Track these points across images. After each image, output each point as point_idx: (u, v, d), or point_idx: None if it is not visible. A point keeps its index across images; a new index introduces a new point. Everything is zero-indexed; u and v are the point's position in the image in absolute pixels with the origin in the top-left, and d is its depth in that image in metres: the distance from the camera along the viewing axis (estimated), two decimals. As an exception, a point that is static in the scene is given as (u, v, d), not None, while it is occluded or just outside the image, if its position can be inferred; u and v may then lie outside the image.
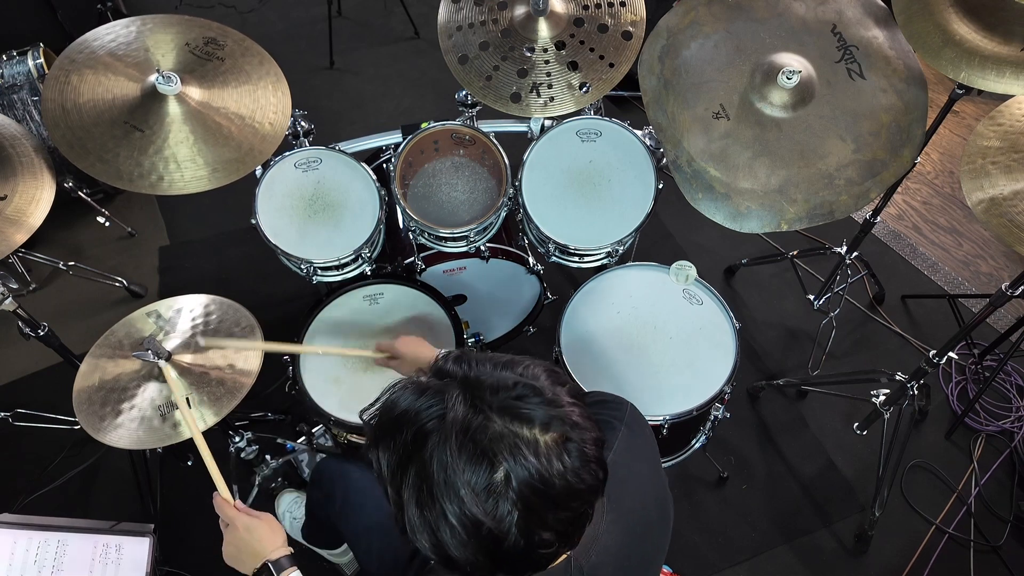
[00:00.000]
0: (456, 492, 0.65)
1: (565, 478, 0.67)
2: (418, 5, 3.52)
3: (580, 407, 0.73)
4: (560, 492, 0.67)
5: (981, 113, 3.02)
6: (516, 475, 0.65)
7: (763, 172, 1.41)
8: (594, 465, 0.71)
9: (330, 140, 1.75)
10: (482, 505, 0.65)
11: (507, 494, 0.65)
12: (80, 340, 1.71)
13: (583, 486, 0.69)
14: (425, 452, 0.67)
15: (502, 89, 1.58)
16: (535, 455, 0.66)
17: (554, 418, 0.68)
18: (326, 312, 1.64)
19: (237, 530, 1.03)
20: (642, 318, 1.60)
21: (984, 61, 1.34)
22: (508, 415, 0.67)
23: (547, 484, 0.66)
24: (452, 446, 0.66)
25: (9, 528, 1.30)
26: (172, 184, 1.40)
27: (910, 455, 2.03)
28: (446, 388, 0.70)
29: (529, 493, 0.66)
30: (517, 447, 0.66)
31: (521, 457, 0.65)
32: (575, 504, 0.70)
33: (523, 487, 0.65)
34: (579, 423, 0.71)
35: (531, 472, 0.65)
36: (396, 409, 0.71)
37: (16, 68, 2.26)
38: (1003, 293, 1.51)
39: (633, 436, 0.96)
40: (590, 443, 0.71)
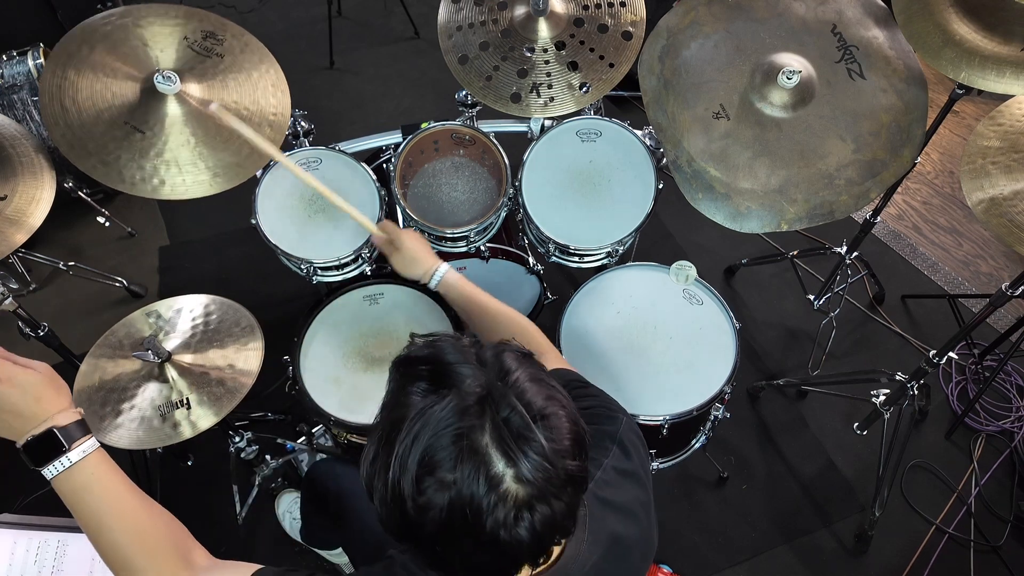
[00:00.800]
0: (414, 451, 0.65)
1: (498, 529, 0.64)
2: (418, 5, 3.52)
3: (574, 481, 0.69)
4: (488, 536, 0.64)
5: (981, 113, 3.02)
6: (458, 487, 0.63)
7: (763, 172, 1.41)
8: (541, 532, 0.67)
9: (330, 140, 1.75)
10: (418, 482, 0.64)
11: (442, 494, 0.64)
12: (80, 340, 1.71)
13: (511, 543, 0.65)
14: (435, 378, 0.67)
15: (502, 89, 1.58)
16: (488, 488, 0.63)
17: (537, 479, 0.65)
18: (326, 312, 1.64)
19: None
20: (642, 318, 1.60)
21: (984, 61, 1.34)
22: (501, 443, 0.65)
23: (476, 519, 0.64)
24: (441, 414, 0.65)
25: (9, 528, 1.30)
26: (174, 189, 1.39)
27: (910, 455, 2.03)
28: (479, 369, 0.69)
29: (459, 512, 0.64)
30: (478, 470, 0.64)
31: (473, 481, 0.63)
32: (496, 551, 0.66)
33: (456, 502, 0.64)
34: (556, 496, 0.67)
35: (471, 497, 0.63)
36: (439, 355, 0.69)
37: (16, 68, 2.26)
38: (1003, 293, 1.51)
39: (624, 454, 0.94)
40: (548, 519, 0.67)
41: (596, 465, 0.91)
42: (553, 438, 0.67)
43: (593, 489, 0.88)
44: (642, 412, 1.46)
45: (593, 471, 0.89)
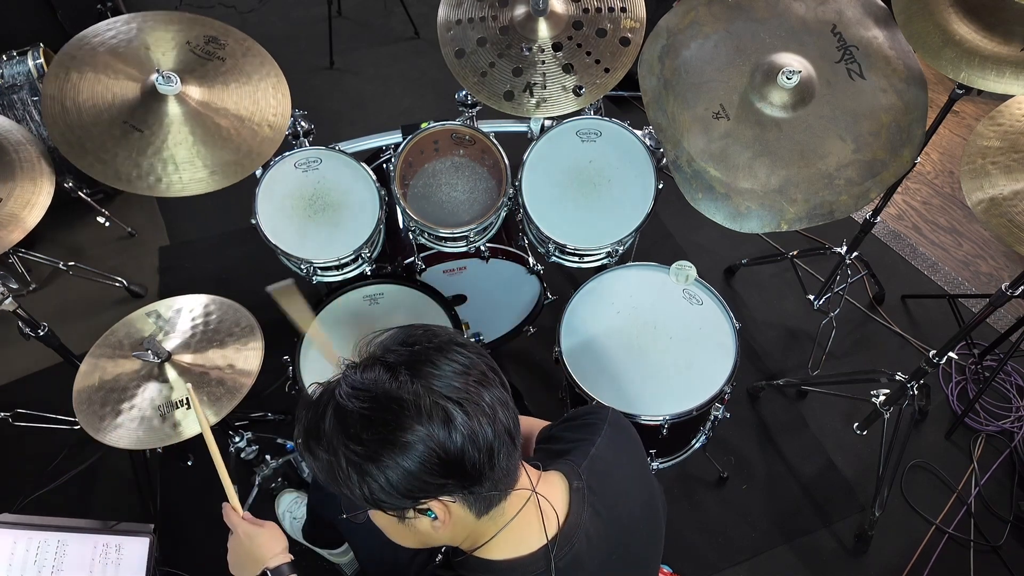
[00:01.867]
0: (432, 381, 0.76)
1: (472, 359, 0.80)
2: (418, 5, 3.52)
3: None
4: (476, 372, 0.79)
5: (981, 113, 3.02)
6: (434, 380, 0.76)
7: (763, 172, 1.41)
8: (492, 376, 0.81)
9: (330, 140, 1.75)
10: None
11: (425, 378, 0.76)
12: (80, 340, 1.71)
13: (493, 375, 0.81)
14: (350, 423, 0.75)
15: (496, 86, 1.58)
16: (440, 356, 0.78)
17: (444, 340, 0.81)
18: (326, 312, 1.64)
19: (239, 537, 1.04)
20: (642, 318, 1.60)
21: (984, 61, 1.34)
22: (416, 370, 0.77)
23: (457, 366, 0.78)
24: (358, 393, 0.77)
25: (9, 528, 1.30)
26: (171, 186, 1.40)
27: (910, 455, 2.03)
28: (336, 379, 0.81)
29: (445, 374, 0.77)
30: (421, 360, 0.78)
31: (428, 367, 0.77)
32: (495, 393, 0.78)
33: (437, 370, 0.77)
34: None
35: (446, 369, 0.77)
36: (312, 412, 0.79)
37: (16, 68, 2.26)
38: (1003, 293, 1.51)
39: (616, 434, 0.98)
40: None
41: (590, 444, 0.95)
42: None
43: (589, 465, 0.91)
44: (642, 412, 1.46)
45: (587, 449, 0.94)
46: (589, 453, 0.93)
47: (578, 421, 1.02)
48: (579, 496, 0.88)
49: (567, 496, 0.87)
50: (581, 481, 0.89)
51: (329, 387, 0.79)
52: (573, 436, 0.99)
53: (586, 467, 0.91)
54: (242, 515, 1.06)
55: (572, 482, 0.89)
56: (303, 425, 0.80)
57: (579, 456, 0.93)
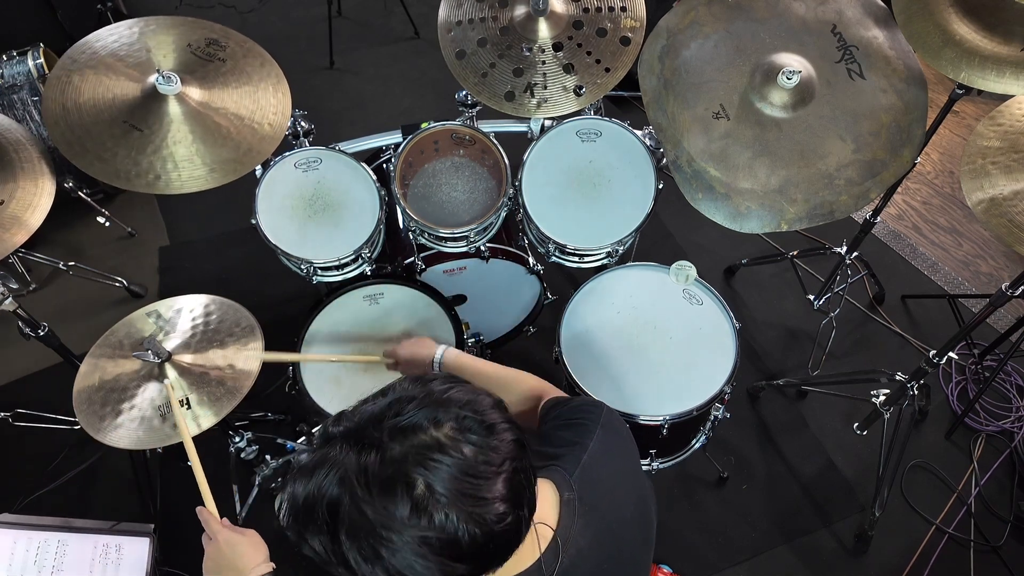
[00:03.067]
0: (392, 530, 0.66)
1: (480, 454, 0.69)
2: (418, 5, 3.52)
3: (460, 386, 0.76)
4: (483, 469, 0.69)
5: (981, 113, 3.02)
6: (435, 480, 0.67)
7: (763, 172, 1.41)
8: (502, 425, 0.74)
9: (330, 140, 1.75)
10: (420, 526, 0.66)
11: (436, 501, 0.66)
12: (80, 340, 1.71)
13: (503, 449, 0.72)
14: (344, 517, 0.68)
15: (497, 87, 1.58)
16: (441, 452, 0.68)
17: (439, 411, 0.71)
18: (326, 312, 1.64)
19: (219, 544, 1.02)
20: (642, 318, 1.60)
21: (984, 61, 1.34)
22: (399, 435, 0.69)
23: (466, 470, 0.68)
24: (361, 494, 0.67)
25: (9, 528, 1.30)
26: (169, 183, 1.40)
27: (910, 455, 2.03)
28: (331, 450, 0.70)
29: (456, 487, 0.67)
30: (422, 455, 0.67)
31: (430, 461, 0.67)
32: (504, 469, 0.71)
33: (447, 486, 0.67)
34: (466, 400, 0.74)
35: (446, 468, 0.67)
36: (299, 499, 0.71)
37: (16, 68, 2.26)
38: (1003, 293, 1.51)
39: (608, 437, 0.97)
40: (488, 409, 0.74)
41: (582, 449, 0.93)
42: (405, 391, 0.75)
43: (580, 474, 0.90)
44: (642, 412, 1.46)
45: (579, 455, 0.92)
46: (581, 460, 0.92)
47: (570, 419, 1.01)
48: (570, 508, 0.86)
49: (558, 508, 0.86)
50: (572, 492, 0.88)
51: (328, 476, 0.70)
52: (565, 437, 0.97)
53: (577, 476, 0.89)
54: (222, 522, 1.05)
55: (563, 493, 0.87)
56: (292, 510, 0.72)
57: (570, 463, 0.91)
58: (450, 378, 0.78)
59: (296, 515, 0.71)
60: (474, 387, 0.78)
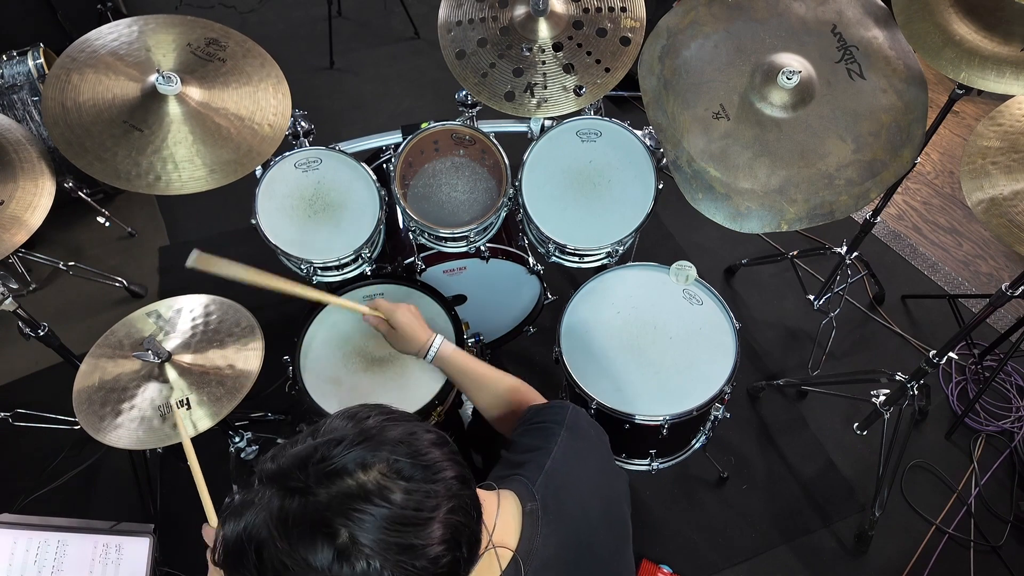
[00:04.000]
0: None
1: (412, 500, 0.66)
2: (418, 5, 3.52)
3: (397, 424, 0.71)
4: (413, 515, 0.65)
5: (981, 113, 3.02)
6: (359, 531, 0.63)
7: (763, 172, 1.41)
8: (443, 464, 0.70)
9: (330, 140, 1.75)
10: (344, 574, 0.63)
11: (359, 552, 0.63)
12: (80, 340, 1.71)
13: (440, 491, 0.68)
14: (268, 563, 0.65)
15: (497, 87, 1.58)
16: (366, 500, 0.64)
17: (369, 453, 0.67)
18: (326, 312, 1.64)
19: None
20: (642, 318, 1.60)
21: (984, 61, 1.34)
22: (325, 480, 0.65)
23: (395, 519, 0.64)
24: (280, 543, 0.64)
25: (9, 528, 1.30)
26: (169, 184, 1.40)
27: (910, 455, 2.03)
28: (259, 492, 0.68)
29: (382, 537, 0.63)
30: (346, 504, 0.64)
31: (354, 511, 0.64)
32: (441, 512, 0.67)
33: (372, 537, 0.63)
34: (401, 438, 0.69)
35: (371, 518, 0.64)
36: (229, 541, 0.68)
37: (16, 68, 2.27)
38: (1003, 293, 1.51)
39: (574, 438, 0.95)
40: (427, 447, 0.70)
41: (545, 455, 0.91)
42: (335, 430, 0.72)
43: (544, 481, 0.88)
44: (642, 412, 1.46)
45: (542, 461, 0.91)
46: (544, 467, 0.90)
47: (535, 423, 0.99)
48: (532, 519, 0.84)
49: (520, 520, 0.84)
50: (535, 501, 0.86)
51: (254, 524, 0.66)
52: (529, 443, 0.96)
53: (541, 483, 0.88)
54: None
55: (525, 504, 0.85)
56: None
57: (533, 471, 0.90)
58: (387, 413, 0.74)
59: (227, 556, 0.69)
60: (413, 422, 0.74)
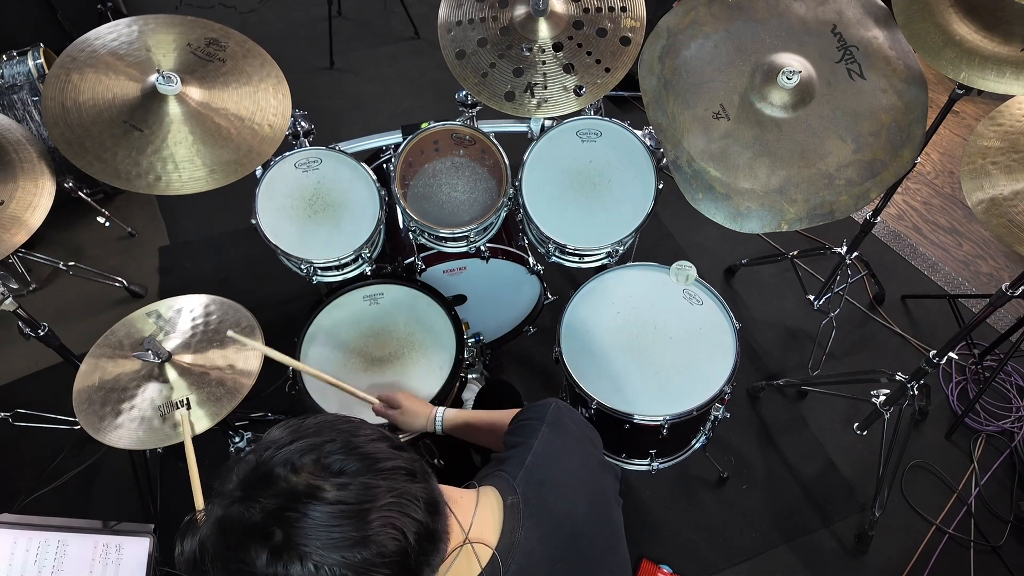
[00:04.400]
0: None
1: (347, 494, 0.65)
2: (418, 5, 3.52)
3: (333, 422, 0.72)
4: (350, 509, 0.65)
5: (981, 113, 3.02)
6: (294, 531, 0.63)
7: (763, 172, 1.41)
8: (385, 454, 0.70)
9: (330, 140, 1.75)
10: (281, 574, 0.63)
11: (294, 551, 0.63)
12: (80, 340, 1.71)
13: (381, 484, 0.67)
14: (217, 570, 0.66)
15: (497, 87, 1.58)
16: (297, 500, 0.64)
17: (299, 454, 0.68)
18: (326, 312, 1.64)
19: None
20: (642, 318, 1.60)
21: (984, 61, 1.34)
22: (259, 486, 0.66)
23: (331, 514, 0.64)
24: (223, 550, 0.65)
25: (9, 528, 1.30)
26: (170, 184, 1.40)
27: (910, 455, 2.03)
28: (208, 508, 0.69)
29: (317, 535, 0.63)
30: (278, 506, 0.64)
31: (285, 513, 0.64)
32: (384, 503, 0.67)
33: (308, 536, 0.63)
34: (334, 435, 0.70)
35: (304, 517, 0.64)
36: (188, 556, 0.70)
37: (16, 68, 2.26)
38: (1003, 293, 1.51)
39: (555, 434, 0.96)
40: (367, 441, 0.71)
41: (526, 450, 0.92)
42: (270, 435, 0.73)
43: (525, 475, 0.89)
44: (642, 412, 1.46)
45: (523, 456, 0.91)
46: (524, 461, 0.90)
47: (520, 423, 0.99)
48: (514, 512, 0.85)
49: (501, 514, 0.85)
50: (516, 495, 0.86)
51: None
52: (512, 440, 0.96)
53: (521, 478, 0.88)
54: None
55: (506, 498, 0.86)
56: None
57: (514, 466, 0.90)
58: (329, 416, 0.75)
59: (187, 570, 0.70)
60: (356, 423, 0.74)
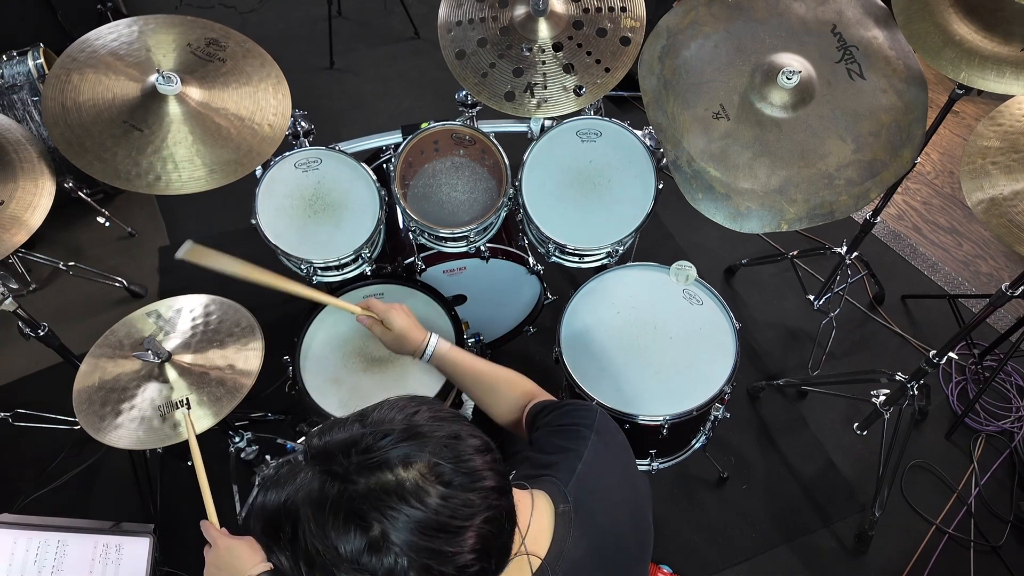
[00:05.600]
0: (339, 566, 0.64)
1: (447, 507, 0.65)
2: (418, 5, 3.52)
3: (446, 423, 0.71)
4: (447, 522, 0.65)
5: (981, 113, 3.02)
6: (391, 528, 0.64)
7: (763, 172, 1.41)
8: (485, 472, 0.69)
9: (330, 140, 1.75)
10: (368, 566, 0.64)
11: (389, 548, 0.63)
12: (80, 340, 1.71)
13: (477, 502, 0.67)
14: (302, 541, 0.66)
15: (497, 87, 1.58)
16: (402, 500, 0.64)
17: (414, 450, 0.67)
18: (326, 312, 1.64)
19: (218, 549, 1.03)
20: (642, 318, 1.60)
21: (984, 61, 1.34)
22: (366, 471, 0.66)
23: (428, 523, 0.64)
24: (314, 525, 0.65)
25: (9, 528, 1.30)
26: (169, 184, 1.40)
27: (910, 455, 2.03)
28: (301, 468, 0.69)
29: (412, 539, 0.64)
30: (381, 499, 0.64)
31: (389, 509, 0.64)
32: (477, 522, 0.67)
33: (403, 537, 0.64)
34: (448, 441, 0.69)
35: (404, 518, 0.64)
36: (269, 510, 0.69)
37: (16, 68, 2.26)
38: (1003, 293, 1.51)
39: (603, 443, 0.95)
40: (472, 453, 0.70)
41: (576, 458, 0.91)
42: (385, 420, 0.71)
43: (576, 484, 0.88)
44: (642, 412, 1.46)
45: (573, 464, 0.90)
46: (576, 470, 0.90)
47: (562, 425, 0.99)
48: (565, 521, 0.85)
49: (553, 522, 0.84)
50: (567, 503, 0.86)
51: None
52: (557, 444, 0.96)
53: (573, 486, 0.88)
54: (220, 530, 1.06)
55: (558, 505, 0.86)
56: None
57: (565, 473, 0.90)
58: (438, 409, 0.74)
59: (263, 526, 0.70)
60: (460, 424, 0.73)
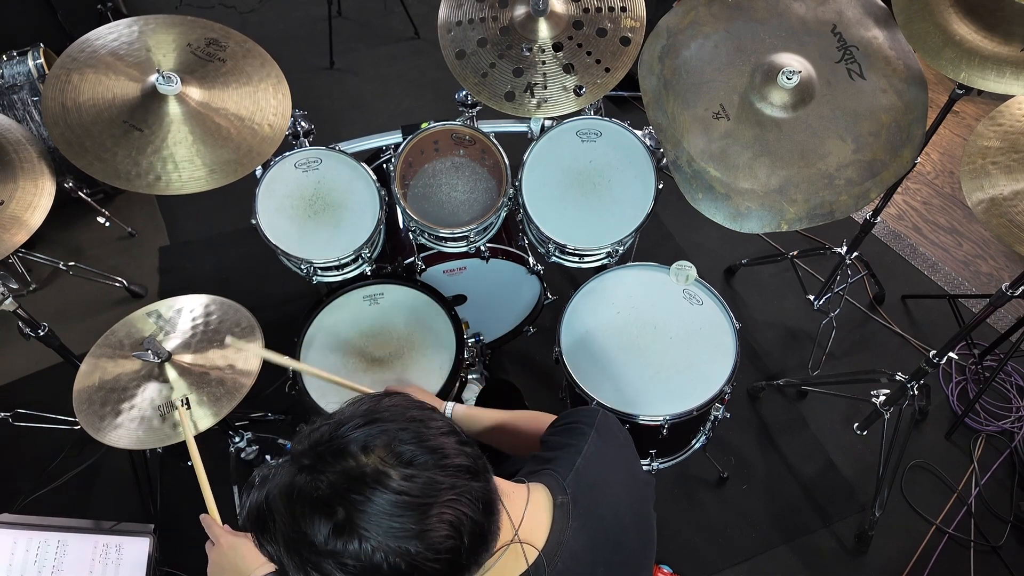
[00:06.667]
0: (313, 554, 0.65)
1: (411, 485, 0.66)
2: (418, 5, 3.52)
3: (408, 408, 0.73)
4: (412, 500, 0.66)
5: (981, 113, 3.02)
6: (355, 512, 0.64)
7: (763, 172, 1.41)
8: (452, 450, 0.70)
9: (330, 140, 1.75)
10: (338, 552, 0.65)
11: (354, 532, 0.64)
12: (80, 340, 1.71)
13: (443, 480, 0.68)
14: (279, 532, 0.68)
15: (497, 87, 1.58)
16: (364, 483, 0.65)
17: (374, 435, 0.68)
18: (326, 312, 1.64)
19: (221, 548, 1.03)
20: (642, 318, 1.60)
21: (984, 61, 1.34)
22: (329, 459, 0.67)
23: (393, 503, 0.65)
24: (286, 518, 0.67)
25: (9, 528, 1.30)
26: (169, 184, 1.40)
27: (910, 455, 2.03)
28: (279, 467, 0.71)
29: (377, 521, 0.64)
30: (346, 486, 0.65)
31: (353, 494, 0.65)
32: (445, 499, 0.67)
33: (368, 520, 0.64)
34: (407, 424, 0.70)
35: (368, 501, 0.65)
36: (252, 507, 0.71)
37: (16, 68, 2.27)
38: (1003, 293, 1.51)
39: (603, 440, 0.96)
40: (436, 434, 0.71)
41: (576, 453, 0.92)
42: (354, 414, 0.73)
43: (575, 478, 0.89)
44: (642, 412, 1.46)
45: (573, 458, 0.91)
46: (575, 464, 0.90)
47: (565, 425, 1.00)
48: (563, 512, 0.85)
49: (551, 513, 0.85)
50: (566, 495, 0.86)
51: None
52: (560, 441, 0.96)
53: (572, 479, 0.89)
54: (223, 527, 1.06)
55: (556, 497, 0.86)
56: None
57: (564, 466, 0.90)
58: (405, 398, 0.75)
59: (250, 521, 0.71)
60: (427, 410, 0.74)
